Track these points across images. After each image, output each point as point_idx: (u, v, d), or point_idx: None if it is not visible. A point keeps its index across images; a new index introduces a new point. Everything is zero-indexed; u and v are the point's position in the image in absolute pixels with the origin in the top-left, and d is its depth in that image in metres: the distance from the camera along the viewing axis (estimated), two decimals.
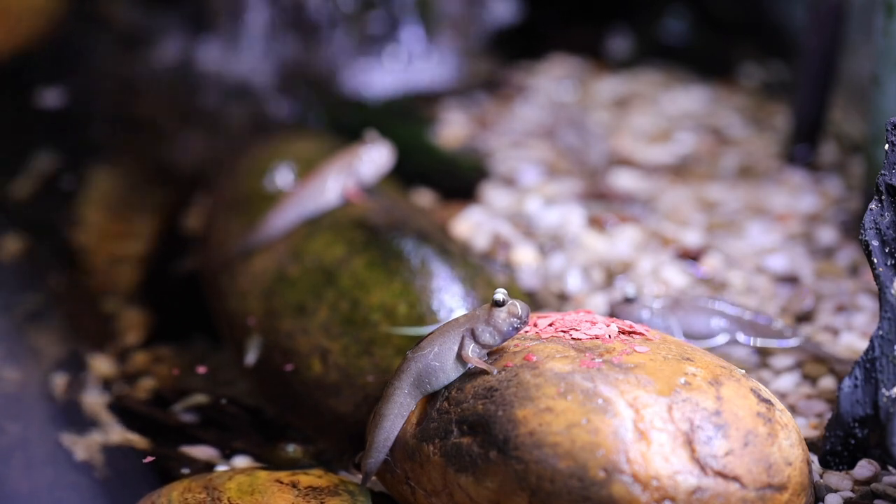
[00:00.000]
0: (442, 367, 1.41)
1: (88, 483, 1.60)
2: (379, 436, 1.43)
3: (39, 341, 1.87)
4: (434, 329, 1.44)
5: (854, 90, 2.22)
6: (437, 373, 1.42)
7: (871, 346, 1.41)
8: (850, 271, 1.92)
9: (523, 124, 2.42)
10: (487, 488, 1.36)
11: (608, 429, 1.33)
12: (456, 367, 1.41)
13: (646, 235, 2.02)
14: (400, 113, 2.51)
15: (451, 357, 1.41)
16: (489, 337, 1.40)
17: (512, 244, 2.00)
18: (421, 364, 1.42)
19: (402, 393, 1.43)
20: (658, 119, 2.43)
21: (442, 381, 1.42)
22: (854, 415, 1.42)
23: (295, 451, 1.66)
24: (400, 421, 1.43)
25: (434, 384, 1.42)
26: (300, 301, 1.76)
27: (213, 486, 1.48)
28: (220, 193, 2.12)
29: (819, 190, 2.15)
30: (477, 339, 1.40)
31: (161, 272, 2.06)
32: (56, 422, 1.70)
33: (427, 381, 1.42)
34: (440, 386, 1.42)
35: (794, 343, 1.75)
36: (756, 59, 2.63)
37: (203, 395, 1.75)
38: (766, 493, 1.34)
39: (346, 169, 1.90)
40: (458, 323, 1.42)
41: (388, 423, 1.43)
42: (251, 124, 2.53)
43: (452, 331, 1.42)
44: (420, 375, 1.42)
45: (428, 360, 1.41)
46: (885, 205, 1.42)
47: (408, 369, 1.42)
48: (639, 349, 1.40)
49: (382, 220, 1.82)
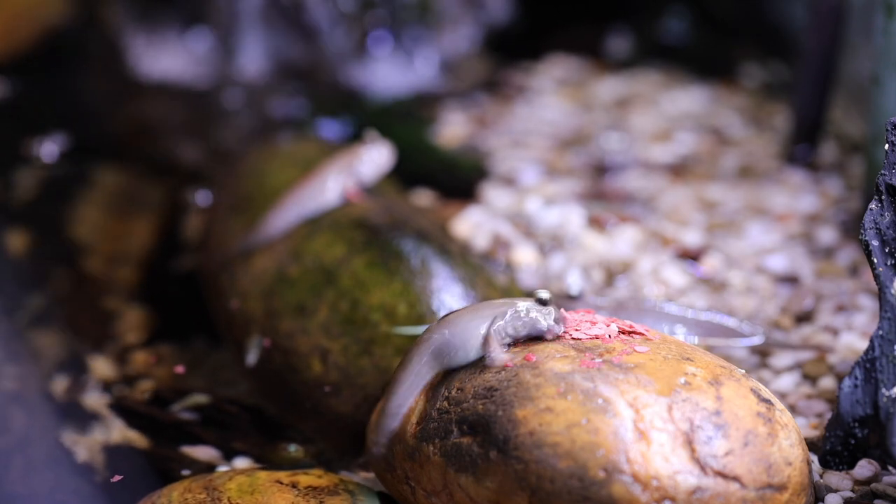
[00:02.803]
0: (463, 344, 1.40)
1: (89, 484, 1.60)
2: (392, 402, 1.42)
3: (40, 341, 1.87)
4: (466, 306, 1.43)
5: (854, 90, 2.22)
6: (457, 349, 1.40)
7: (871, 346, 1.41)
8: (850, 271, 1.92)
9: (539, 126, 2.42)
10: (487, 488, 1.36)
11: (608, 429, 1.33)
12: (477, 349, 1.40)
13: (646, 235, 2.02)
14: (400, 113, 2.51)
15: (475, 336, 1.40)
16: (521, 328, 1.40)
17: (512, 244, 2.00)
18: (445, 337, 1.40)
19: (421, 362, 1.41)
20: (658, 119, 2.43)
21: (461, 359, 1.40)
22: (854, 415, 1.42)
23: (295, 451, 1.66)
24: (414, 390, 1.42)
25: (454, 360, 1.40)
26: (300, 301, 1.76)
27: (214, 486, 1.48)
28: (220, 193, 2.12)
29: (819, 190, 2.15)
30: (509, 326, 1.40)
31: (161, 272, 2.06)
32: (57, 421, 1.70)
33: (447, 354, 1.40)
34: (459, 364, 1.41)
35: (757, 341, 1.75)
36: (756, 59, 2.63)
37: (203, 395, 1.75)
38: (766, 493, 1.34)
39: (346, 169, 1.90)
40: (494, 305, 1.41)
41: (403, 390, 1.42)
42: (251, 124, 2.53)
43: (485, 311, 1.40)
44: (441, 348, 1.40)
45: (452, 336, 1.40)
46: (885, 205, 1.42)
47: (430, 339, 1.41)
48: (639, 349, 1.40)
49: (382, 220, 1.82)
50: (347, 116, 2.47)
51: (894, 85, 1.87)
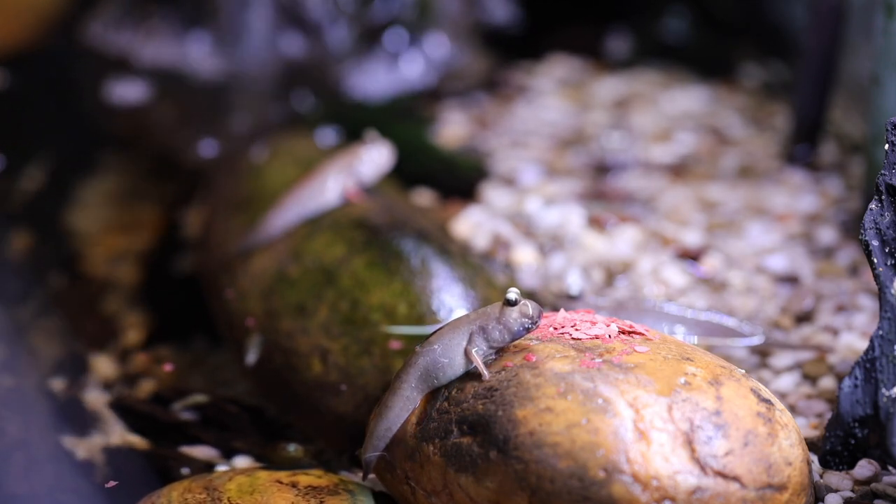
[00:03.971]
0: (450, 362, 1.41)
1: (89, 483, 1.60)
2: (381, 425, 1.43)
3: (40, 341, 1.87)
4: (445, 324, 1.44)
5: (854, 90, 2.22)
6: (444, 368, 1.41)
7: (871, 346, 1.41)
8: (850, 271, 1.92)
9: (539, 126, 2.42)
10: (487, 488, 1.36)
11: (608, 429, 1.33)
12: (464, 364, 1.41)
13: (646, 235, 2.02)
14: (400, 113, 2.51)
15: (459, 353, 1.41)
16: (498, 335, 1.40)
17: (512, 244, 2.00)
18: (429, 358, 1.42)
19: (409, 386, 1.43)
20: (658, 119, 2.43)
21: (449, 376, 1.42)
22: (854, 415, 1.42)
23: (295, 451, 1.66)
24: (404, 414, 1.43)
25: (441, 379, 1.42)
26: (300, 301, 1.76)
27: (214, 486, 1.48)
28: (220, 193, 2.12)
29: (819, 190, 2.15)
30: (486, 336, 1.40)
31: (161, 272, 2.06)
32: (57, 421, 1.70)
33: (434, 375, 1.42)
34: (447, 381, 1.42)
35: (757, 341, 1.75)
36: (756, 59, 2.63)
37: (203, 394, 1.75)
38: (766, 493, 1.34)
39: (347, 169, 1.90)
40: (469, 319, 1.42)
41: (393, 415, 1.43)
42: (251, 124, 2.53)
43: (462, 326, 1.41)
44: (427, 369, 1.42)
45: (436, 355, 1.41)
46: (885, 205, 1.42)
47: (416, 363, 1.42)
48: (639, 349, 1.40)
49: (382, 220, 1.82)
50: (346, 117, 2.47)
51: (894, 85, 1.87)
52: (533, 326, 1.40)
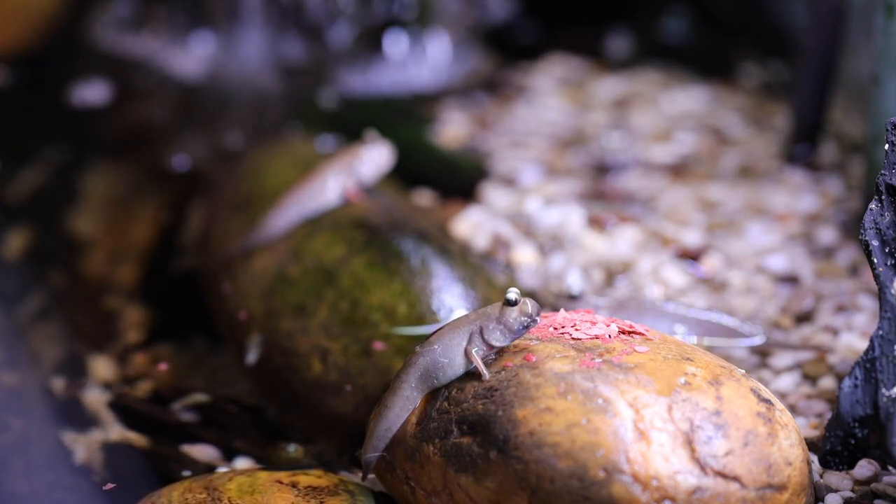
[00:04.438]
0: (450, 362, 1.41)
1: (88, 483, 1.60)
2: (381, 426, 1.43)
3: (40, 341, 1.87)
4: (445, 324, 1.44)
5: (854, 90, 2.22)
6: (444, 368, 1.41)
7: (871, 346, 1.41)
8: (850, 271, 1.92)
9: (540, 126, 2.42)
10: (487, 488, 1.36)
11: (608, 429, 1.33)
12: (464, 364, 1.41)
13: (646, 235, 2.02)
14: (400, 113, 2.51)
15: (459, 353, 1.41)
16: (499, 335, 1.40)
17: (512, 244, 2.00)
18: (429, 358, 1.42)
19: (409, 386, 1.43)
20: (658, 119, 2.43)
21: (449, 376, 1.42)
22: (854, 415, 1.42)
23: (295, 451, 1.66)
24: (404, 414, 1.43)
25: (441, 379, 1.42)
26: (300, 301, 1.76)
27: (214, 486, 1.48)
28: (220, 193, 2.12)
29: (819, 190, 2.15)
30: (486, 336, 1.40)
31: (161, 271, 2.06)
32: (57, 421, 1.70)
33: (434, 375, 1.42)
34: (447, 381, 1.42)
35: (757, 341, 1.75)
36: (756, 59, 2.63)
37: (203, 394, 1.75)
38: (766, 493, 1.34)
39: (347, 169, 1.90)
40: (469, 319, 1.42)
41: (392, 415, 1.43)
42: (251, 124, 2.53)
43: (463, 326, 1.41)
44: (427, 370, 1.42)
45: (436, 355, 1.41)
46: (885, 205, 1.42)
47: (416, 363, 1.42)
48: (639, 349, 1.40)
49: (382, 220, 1.83)
50: (345, 118, 2.47)
51: (894, 85, 1.87)
52: (533, 323, 1.40)
